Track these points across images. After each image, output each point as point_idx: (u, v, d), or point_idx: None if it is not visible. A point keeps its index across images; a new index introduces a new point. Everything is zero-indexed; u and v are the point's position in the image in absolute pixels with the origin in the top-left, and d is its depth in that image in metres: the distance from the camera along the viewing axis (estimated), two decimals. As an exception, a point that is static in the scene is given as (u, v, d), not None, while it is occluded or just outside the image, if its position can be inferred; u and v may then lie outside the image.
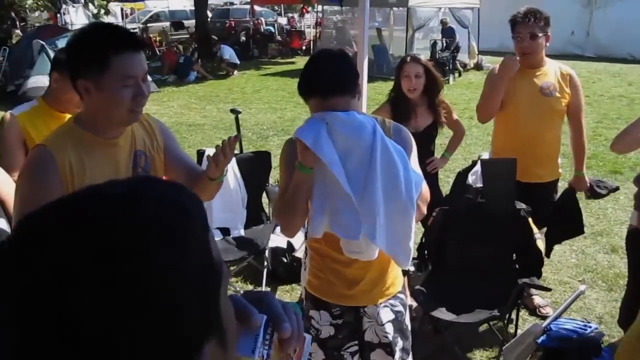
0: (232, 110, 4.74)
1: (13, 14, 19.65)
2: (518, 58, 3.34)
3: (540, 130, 3.41)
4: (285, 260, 4.12)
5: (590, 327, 3.39)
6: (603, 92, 11.67)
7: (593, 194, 3.76)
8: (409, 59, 3.55)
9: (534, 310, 3.72)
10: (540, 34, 3.27)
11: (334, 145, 1.87)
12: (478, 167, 4.13)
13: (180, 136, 8.42)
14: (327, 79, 1.91)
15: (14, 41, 16.70)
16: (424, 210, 2.12)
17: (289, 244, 4.14)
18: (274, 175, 4.87)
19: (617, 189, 3.91)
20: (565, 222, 3.63)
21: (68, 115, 2.62)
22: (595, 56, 16.86)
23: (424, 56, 3.78)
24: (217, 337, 0.56)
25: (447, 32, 14.74)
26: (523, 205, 3.23)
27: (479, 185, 3.96)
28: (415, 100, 3.51)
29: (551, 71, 3.41)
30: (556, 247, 3.95)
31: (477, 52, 15.87)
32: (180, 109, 11.02)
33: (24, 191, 1.73)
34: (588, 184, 3.65)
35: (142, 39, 1.84)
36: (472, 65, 15.58)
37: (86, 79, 1.68)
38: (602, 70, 14.59)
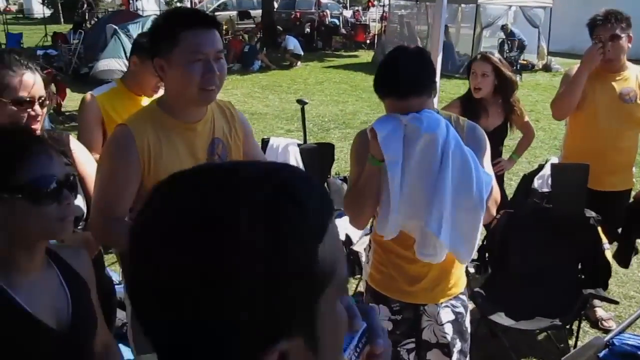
0: (299, 101, 4.78)
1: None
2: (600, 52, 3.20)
3: (617, 137, 3.27)
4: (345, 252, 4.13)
5: (656, 344, 3.25)
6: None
7: None
8: (479, 56, 3.54)
9: (595, 323, 3.59)
10: (622, 36, 3.13)
11: (405, 144, 1.86)
12: (545, 172, 4.04)
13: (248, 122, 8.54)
14: (405, 79, 1.88)
15: (88, 25, 17.36)
16: (493, 212, 2.09)
17: (347, 237, 4.14)
18: (336, 168, 4.89)
19: None
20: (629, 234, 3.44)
21: (144, 98, 2.71)
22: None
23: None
24: (305, 340, 0.57)
25: (509, 36, 14.31)
26: (593, 214, 3.12)
27: (545, 189, 3.87)
28: (487, 100, 3.47)
29: (632, 76, 3.26)
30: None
31: (546, 53, 15.37)
32: (243, 97, 11.19)
33: (104, 169, 1.81)
34: None
35: (215, 19, 1.88)
36: (540, 66, 15.11)
37: (160, 57, 1.75)
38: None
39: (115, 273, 3.56)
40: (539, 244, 3.22)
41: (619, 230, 3.40)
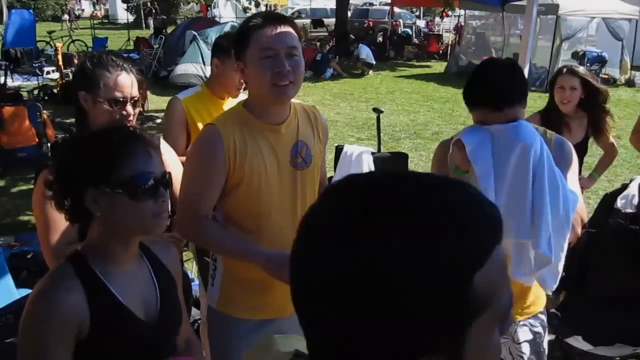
0: (375, 109, 4.78)
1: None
2: None
3: None
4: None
5: None
6: None
7: None
8: (564, 70, 3.44)
9: (681, 354, 3.39)
10: None
11: (495, 156, 1.82)
12: (629, 191, 3.85)
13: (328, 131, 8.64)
14: (500, 89, 1.85)
15: (168, 31, 18.05)
16: (579, 231, 2.02)
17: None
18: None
19: None
20: None
21: (227, 102, 2.80)
22: None
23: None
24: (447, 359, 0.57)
25: (582, 58, 13.62)
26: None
27: (629, 210, 3.69)
28: (569, 115, 3.38)
29: None
30: None
31: (629, 67, 14.69)
32: (315, 104, 11.08)
33: (192, 167, 1.88)
34: None
35: (289, 18, 1.94)
36: (622, 81, 14.45)
37: (239, 60, 1.83)
38: None
39: (189, 271, 3.67)
40: (622, 266, 3.07)
41: None
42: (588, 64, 13.20)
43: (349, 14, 23.17)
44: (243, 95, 2.70)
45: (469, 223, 0.56)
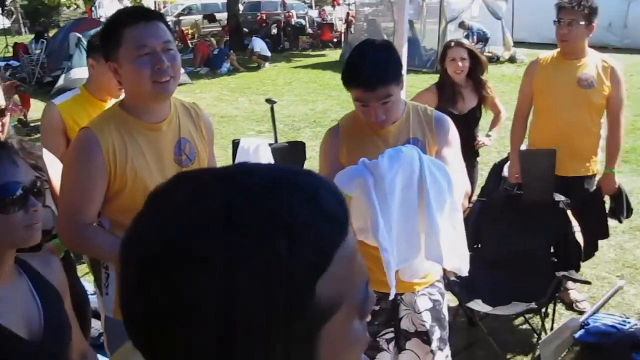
0: (268, 100, 4.77)
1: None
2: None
3: (578, 122, 3.34)
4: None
5: (629, 322, 3.32)
6: (641, 84, 11.38)
7: (616, 204, 3.60)
8: (452, 43, 3.75)
9: (570, 305, 3.66)
10: (582, 22, 3.20)
11: (378, 189, 1.85)
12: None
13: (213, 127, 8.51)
14: (371, 69, 1.91)
15: (50, 34, 17.06)
16: (466, 203, 2.12)
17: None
18: (307, 166, 4.89)
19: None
20: (590, 221, 3.46)
21: (108, 104, 2.68)
22: (634, 48, 16.42)
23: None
24: None
25: (468, 31, 14.36)
26: (562, 197, 3.18)
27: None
28: (461, 84, 3.68)
29: (592, 63, 3.33)
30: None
31: (512, 45, 15.60)
32: (212, 100, 11.12)
33: (69, 173, 1.79)
34: (617, 185, 3.52)
35: (158, 12, 1.90)
36: (506, 57, 15.32)
37: (111, 59, 1.77)
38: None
39: (88, 283, 3.50)
40: (512, 230, 3.27)
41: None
42: (474, 42, 13.90)
43: (241, 7, 22.95)
44: None
45: (302, 228, 0.49)
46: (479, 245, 3.39)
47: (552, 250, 3.27)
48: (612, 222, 4.57)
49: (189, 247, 0.48)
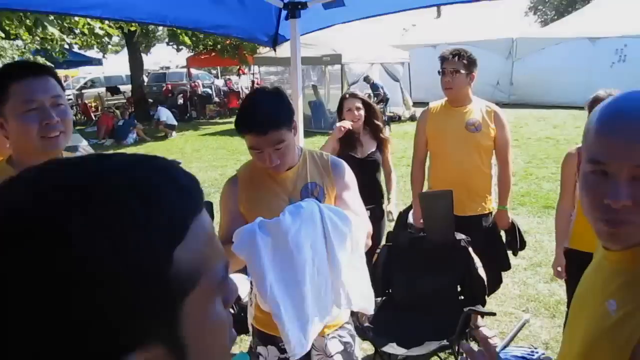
0: (173, 161, 4.70)
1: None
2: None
3: (469, 164, 3.55)
4: (232, 311, 4.03)
5: (537, 352, 3.47)
6: (530, 135, 12.30)
7: (511, 238, 3.82)
8: (347, 95, 4.01)
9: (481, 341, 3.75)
10: (462, 71, 3.46)
11: (280, 247, 1.86)
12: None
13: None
14: (263, 114, 1.95)
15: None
16: (369, 242, 2.17)
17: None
18: (215, 226, 4.82)
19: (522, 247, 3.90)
20: (492, 255, 3.62)
21: None
22: (520, 103, 17.81)
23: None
24: (166, 348, 0.51)
25: (373, 87, 15.14)
26: (463, 236, 3.32)
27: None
28: (358, 131, 3.90)
29: (477, 109, 3.59)
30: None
31: (411, 104, 16.47)
32: (118, 171, 10.82)
33: None
34: (510, 220, 3.74)
35: (47, 66, 1.86)
36: (407, 116, 16.12)
37: None
38: (528, 115, 15.40)
39: None
40: (420, 271, 3.36)
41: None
42: (380, 94, 14.59)
43: (146, 79, 22.86)
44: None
45: (158, 198, 0.51)
46: (390, 290, 3.44)
47: (459, 288, 3.38)
48: (514, 260, 4.81)
49: (39, 215, 0.47)
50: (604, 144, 0.98)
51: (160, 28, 23.93)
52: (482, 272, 3.22)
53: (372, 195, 3.85)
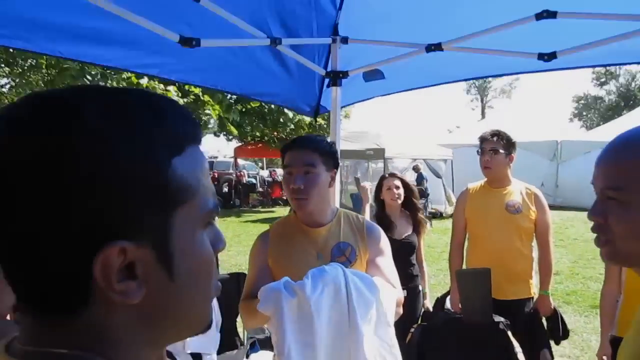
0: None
1: None
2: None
3: (509, 246, 3.46)
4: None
5: None
6: (577, 236, 11.97)
7: (553, 325, 3.63)
8: (387, 174, 4.09)
9: None
10: (501, 151, 3.46)
11: (302, 311, 1.84)
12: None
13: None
14: (305, 136, 2.11)
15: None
16: (400, 310, 2.11)
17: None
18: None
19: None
20: (533, 344, 3.45)
21: None
22: (565, 205, 17.50)
23: None
24: (155, 253, 0.56)
25: (419, 178, 15.21)
26: (502, 319, 3.17)
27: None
28: (395, 214, 3.92)
29: (517, 190, 3.55)
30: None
31: (453, 200, 16.37)
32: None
33: None
34: (552, 307, 3.58)
35: None
36: (449, 213, 15.99)
37: None
38: (573, 217, 15.05)
39: None
40: (454, 352, 3.20)
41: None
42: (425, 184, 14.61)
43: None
44: None
45: (165, 115, 0.58)
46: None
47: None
48: (561, 359, 4.55)
49: (61, 97, 0.54)
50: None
51: (212, 120, 25.00)
52: (522, 357, 3.04)
53: (407, 276, 3.78)
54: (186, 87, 13.56)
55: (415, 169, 15.20)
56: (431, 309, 4.05)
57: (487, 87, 56.65)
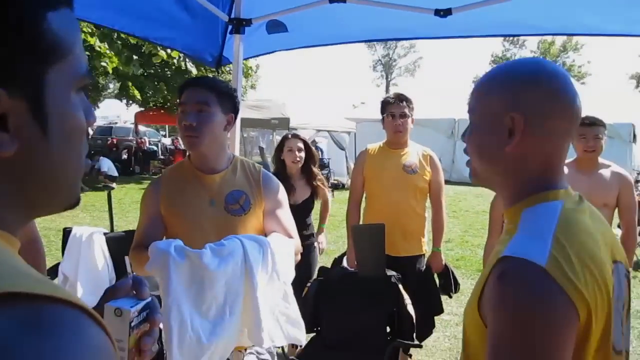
0: (105, 186, 4.58)
1: None
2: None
3: (405, 205, 3.59)
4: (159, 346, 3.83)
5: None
6: (468, 208, 12.67)
7: (445, 280, 3.85)
8: (290, 135, 3.96)
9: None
10: (408, 114, 3.58)
11: (190, 278, 1.82)
12: (352, 249, 4.23)
13: (47, 240, 7.93)
14: (203, 77, 2.23)
15: None
16: (298, 258, 2.16)
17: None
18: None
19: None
20: (425, 297, 3.63)
21: None
22: (460, 181, 18.42)
23: None
24: (28, 106, 0.56)
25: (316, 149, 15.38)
26: (394, 272, 3.31)
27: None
28: (294, 176, 3.87)
29: (414, 152, 3.68)
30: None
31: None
32: (50, 216, 10.39)
33: None
34: (443, 262, 3.80)
35: None
36: (348, 185, 16.32)
37: None
38: (467, 192, 15.90)
39: None
40: (349, 306, 3.30)
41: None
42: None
43: (91, 131, 22.50)
44: None
45: None
46: (319, 328, 3.36)
47: (387, 323, 3.33)
48: (446, 316, 4.82)
49: None
50: None
51: (111, 85, 23.85)
52: (411, 309, 3.19)
53: (302, 237, 3.83)
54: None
55: (312, 143, 15.34)
56: (324, 247, 4.13)
57: (393, 64, 58.03)
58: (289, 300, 2.02)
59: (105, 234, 4.00)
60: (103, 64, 13.99)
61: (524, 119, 1.06)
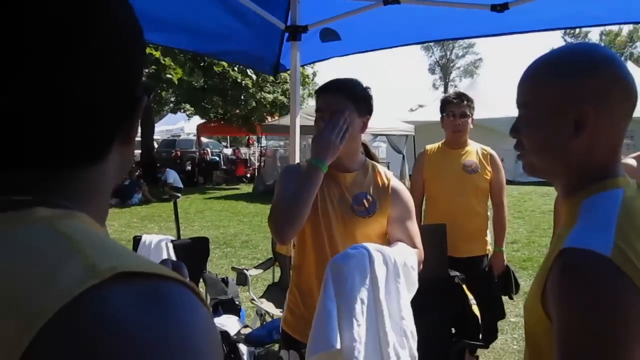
0: (171, 195, 4.74)
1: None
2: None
3: (466, 206, 3.55)
4: (223, 351, 3.93)
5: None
6: (534, 208, 12.33)
7: (506, 281, 3.76)
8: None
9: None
10: (469, 114, 3.54)
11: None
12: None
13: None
14: (336, 80, 2.16)
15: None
16: (421, 267, 2.25)
17: (225, 332, 3.98)
18: (212, 261, 4.78)
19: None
20: (487, 299, 3.52)
21: None
22: (524, 180, 17.89)
23: None
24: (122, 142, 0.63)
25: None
26: (457, 273, 3.27)
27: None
28: None
29: (473, 151, 3.64)
30: (498, 335, 3.92)
31: (408, 178, 16.57)
32: (120, 227, 10.85)
33: None
34: (505, 263, 3.72)
35: None
36: (407, 187, 16.16)
37: None
38: (532, 191, 15.47)
39: None
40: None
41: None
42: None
43: (156, 145, 23.27)
44: None
45: (131, 9, 0.63)
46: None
47: (452, 325, 3.30)
48: (514, 318, 4.71)
49: None
50: None
51: (172, 98, 24.60)
52: (476, 309, 3.15)
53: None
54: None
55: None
56: None
57: (451, 66, 57.22)
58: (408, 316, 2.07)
59: (172, 241, 4.14)
60: (168, 75, 14.56)
61: (595, 111, 1.03)
